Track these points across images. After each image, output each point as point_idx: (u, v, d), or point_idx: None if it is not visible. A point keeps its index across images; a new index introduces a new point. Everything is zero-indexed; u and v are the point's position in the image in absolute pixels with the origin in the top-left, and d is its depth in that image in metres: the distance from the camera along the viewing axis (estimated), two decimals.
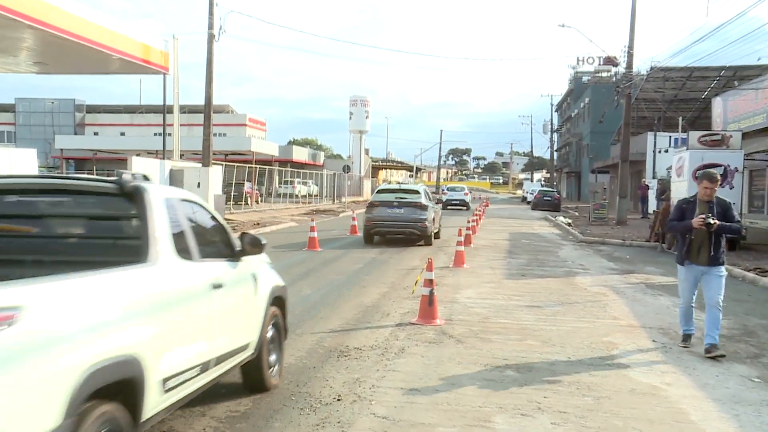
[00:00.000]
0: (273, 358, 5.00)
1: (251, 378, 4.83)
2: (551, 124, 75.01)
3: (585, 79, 70.71)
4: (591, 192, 42.13)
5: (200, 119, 24.89)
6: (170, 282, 3.14)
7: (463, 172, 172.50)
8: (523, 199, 65.46)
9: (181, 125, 25.84)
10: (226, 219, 24.49)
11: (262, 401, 5.02)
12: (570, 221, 28.22)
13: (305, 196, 46.47)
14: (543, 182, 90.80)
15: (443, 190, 42.05)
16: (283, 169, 42.99)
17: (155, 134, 55.07)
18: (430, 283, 7.96)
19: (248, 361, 4.52)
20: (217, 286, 3.76)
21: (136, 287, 2.81)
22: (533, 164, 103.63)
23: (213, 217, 4.28)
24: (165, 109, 25.51)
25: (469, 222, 19.12)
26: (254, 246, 4.55)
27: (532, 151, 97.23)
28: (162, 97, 25.35)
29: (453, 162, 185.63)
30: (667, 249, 17.71)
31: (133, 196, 3.32)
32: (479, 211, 30.66)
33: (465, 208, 40.54)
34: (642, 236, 20.86)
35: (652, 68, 31.50)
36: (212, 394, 5.13)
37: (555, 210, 43.55)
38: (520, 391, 5.42)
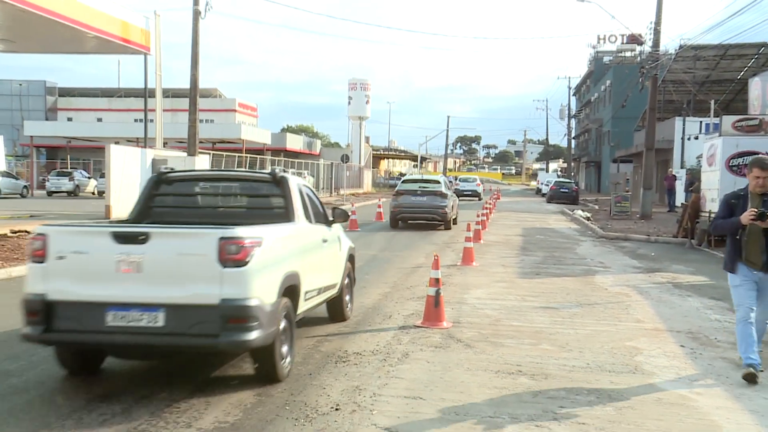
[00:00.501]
0: (347, 298, 7.87)
1: (334, 311, 7.62)
2: (568, 109, 75.01)
3: (606, 59, 70.61)
4: (612, 183, 42.11)
5: (185, 104, 24.96)
6: (305, 234, 5.59)
7: (472, 162, 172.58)
8: (538, 191, 65.51)
9: (164, 111, 25.86)
10: None
11: (253, 411, 5.04)
12: (589, 215, 28.25)
13: None
14: (559, 173, 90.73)
15: (451, 180, 42.47)
16: (276, 158, 43.05)
17: (136, 120, 55.12)
18: (436, 282, 7.97)
19: (333, 298, 7.15)
20: (324, 241, 6.34)
21: (293, 234, 5.22)
22: (548, 153, 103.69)
23: (317, 197, 6.94)
24: (146, 93, 25.53)
25: (478, 216, 19.17)
26: (341, 217, 7.33)
27: (547, 139, 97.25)
28: (143, 80, 25.37)
29: (461, 151, 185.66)
30: (697, 245, 17.72)
31: (279, 182, 5.94)
32: (490, 204, 30.68)
33: (477, 198, 46.30)
34: (668, 232, 20.87)
35: (681, 46, 31.37)
36: (200, 402, 5.16)
37: (572, 203, 43.55)
38: (535, 400, 5.44)
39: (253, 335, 4.76)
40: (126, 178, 20.98)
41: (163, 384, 5.54)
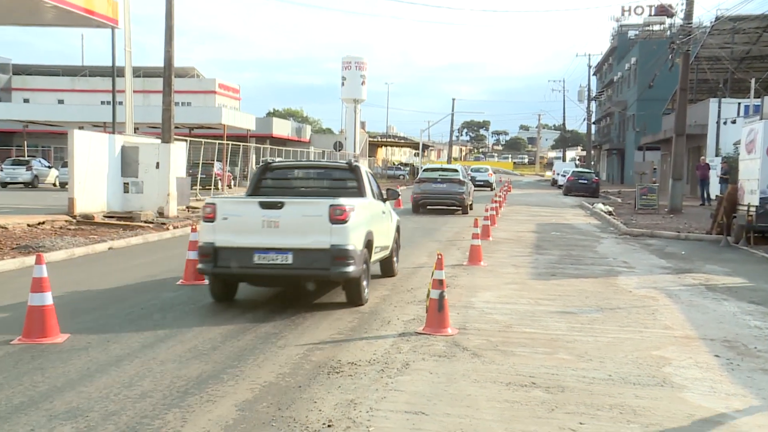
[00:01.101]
0: (395, 258, 11.29)
1: (386, 268, 10.94)
2: (588, 90, 75.09)
3: (631, 34, 70.61)
4: (637, 173, 42.12)
5: (158, 85, 24.86)
6: (373, 206, 8.41)
7: (480, 150, 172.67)
8: (554, 183, 65.67)
9: (135, 92, 25.80)
10: (190, 208, 24.52)
11: (237, 428, 5.04)
12: (611, 209, 28.30)
13: None
14: (578, 162, 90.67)
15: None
16: (261, 146, 43.01)
17: (102, 103, 55.02)
18: (439, 284, 7.99)
19: (385, 258, 10.21)
20: (383, 213, 9.23)
21: (367, 206, 7.98)
22: (566, 140, 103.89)
23: (376, 180, 10.05)
24: (114, 72, 25.45)
25: (487, 210, 19.22)
26: (393, 196, 10.78)
27: (564, 124, 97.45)
28: (110, 57, 25.29)
29: (467, 138, 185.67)
30: (734, 243, 17.73)
31: (354, 169, 9.03)
32: (499, 196, 30.70)
33: (489, 188, 51.66)
34: (701, 227, 20.91)
35: (717, 18, 31.27)
36: (176, 420, 5.17)
37: (592, 195, 43.67)
38: (550, 416, 5.45)
39: (351, 269, 8.16)
40: (92, 167, 20.95)
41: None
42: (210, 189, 31.52)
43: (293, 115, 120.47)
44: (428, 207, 24.06)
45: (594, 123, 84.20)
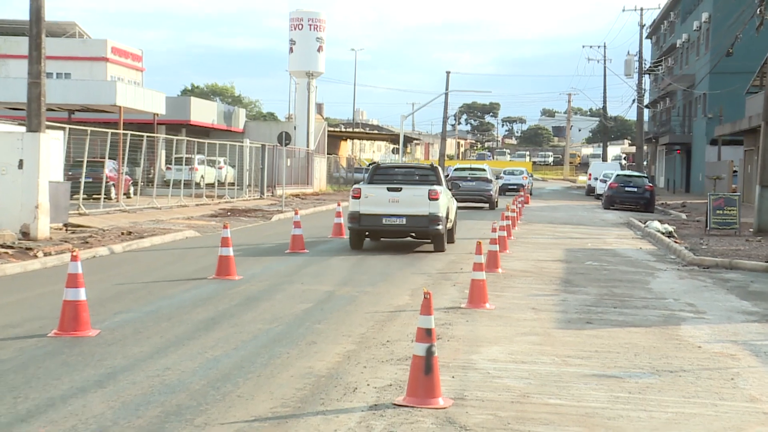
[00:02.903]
0: (455, 231, 24.72)
1: (449, 237, 23.52)
2: (640, 59, 75.58)
3: None
4: (710, 178, 42.48)
5: (22, 47, 24.56)
6: (446, 192, 22.51)
7: (485, 145, 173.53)
8: (590, 191, 66.15)
9: None
10: (70, 227, 24.38)
11: None
12: (671, 229, 28.48)
13: (212, 184, 46.32)
14: (624, 161, 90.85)
15: (449, 172, 45.28)
16: (175, 137, 42.74)
17: None
18: (427, 335, 8.01)
19: (449, 229, 23.00)
20: (450, 198, 23.47)
21: (444, 191, 22.08)
22: (607, 131, 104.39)
23: (444, 172, 27.62)
24: None
25: (494, 231, 19.16)
26: (455, 188, 27.66)
27: (605, 108, 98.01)
28: None
29: (468, 127, 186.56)
30: None
31: (434, 168, 23.76)
32: (513, 209, 30.81)
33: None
34: None
35: None
36: None
37: (645, 209, 44.06)
38: None
39: (439, 227, 21.30)
40: None
41: None
42: (100, 198, 31.26)
43: (221, 95, 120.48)
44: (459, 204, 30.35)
45: (647, 107, 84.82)
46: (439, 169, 23.83)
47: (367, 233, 22.41)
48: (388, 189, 21.65)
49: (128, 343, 10.43)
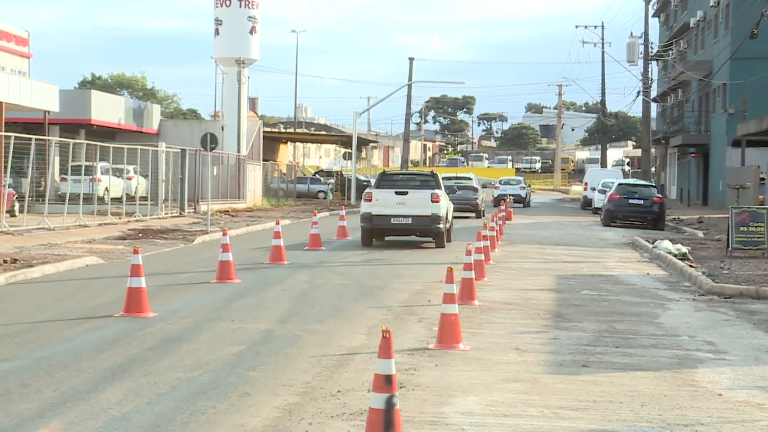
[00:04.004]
0: (451, 230, 34.92)
1: (448, 236, 33.51)
2: (645, 43, 76.14)
3: None
4: (732, 187, 42.66)
5: None
6: (445, 195, 32.40)
7: (458, 148, 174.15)
8: (586, 204, 66.47)
9: None
10: None
11: None
12: (686, 250, 28.56)
13: (120, 199, 45.94)
14: (627, 167, 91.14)
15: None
16: (72, 141, 42.44)
17: None
18: (386, 383, 7.98)
19: (446, 229, 32.31)
20: (448, 200, 33.74)
21: (444, 195, 32.13)
22: (606, 130, 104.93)
23: (441, 182, 34.31)
24: None
25: (469, 254, 19.11)
26: (450, 193, 37.42)
27: (603, 103, 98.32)
28: None
29: (437, 126, 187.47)
30: None
31: (434, 175, 34.04)
32: (492, 227, 30.84)
33: (522, 205, 69.38)
34: None
35: None
36: None
37: (654, 226, 44.41)
38: None
39: (440, 226, 31.02)
40: None
41: None
42: None
43: (130, 87, 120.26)
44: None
45: (655, 100, 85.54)
46: (438, 175, 34.18)
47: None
48: (396, 193, 31.02)
49: (12, 399, 10.28)
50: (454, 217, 40.80)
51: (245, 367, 12.08)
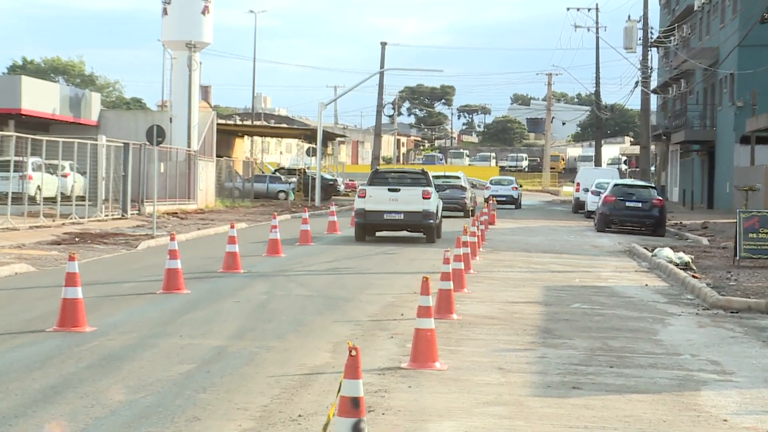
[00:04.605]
0: (441, 226, 40.95)
1: (439, 232, 40.44)
2: (645, 27, 76.44)
3: None
4: (740, 189, 42.81)
5: None
6: (435, 192, 38.93)
7: (435, 144, 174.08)
8: (578, 207, 66.72)
9: None
10: None
11: None
12: (689, 259, 28.62)
13: (54, 198, 45.72)
14: (625, 166, 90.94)
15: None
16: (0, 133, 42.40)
17: None
18: (353, 407, 7.98)
19: (436, 225, 38.66)
20: (437, 198, 39.91)
21: (434, 191, 38.83)
22: (601, 125, 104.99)
23: (432, 180, 41.96)
24: None
25: (447, 262, 19.07)
26: (439, 189, 47.59)
27: (598, 94, 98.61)
28: None
29: (412, 119, 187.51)
30: None
31: (425, 173, 41.45)
32: (473, 232, 30.79)
33: (514, 206, 74.22)
34: None
35: None
36: None
37: (653, 231, 44.73)
38: None
39: (431, 221, 37.11)
40: None
41: None
42: None
43: (66, 73, 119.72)
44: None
45: (655, 92, 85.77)
46: (429, 173, 40.50)
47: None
48: (389, 189, 36.58)
49: None
50: (443, 216, 45.93)
51: (195, 388, 12.00)
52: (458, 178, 59.68)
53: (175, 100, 64.65)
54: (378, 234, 38.46)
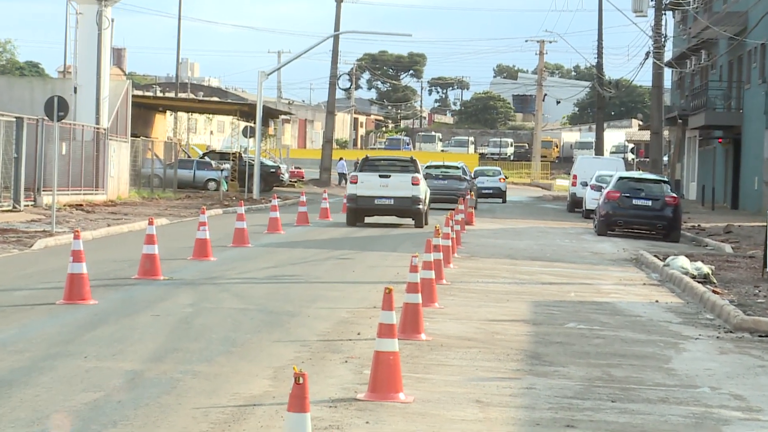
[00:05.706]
0: (428, 212, 57.31)
1: (425, 219, 55.83)
2: None
3: None
4: None
5: None
6: (423, 179, 55.96)
7: (401, 125, 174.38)
8: (575, 204, 67.05)
9: None
10: None
11: None
12: (709, 270, 28.74)
13: None
14: (632, 155, 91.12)
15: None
16: None
17: None
18: None
19: (425, 211, 55.45)
20: (425, 184, 56.98)
21: (422, 178, 56.75)
22: (603, 104, 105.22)
23: (418, 165, 59.99)
24: None
25: (414, 270, 19.09)
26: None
27: (599, 67, 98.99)
28: None
29: (374, 94, 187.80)
30: None
31: (413, 160, 58.37)
32: (447, 233, 30.85)
33: (501, 200, 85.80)
34: None
35: None
36: None
37: (666, 236, 45.40)
38: None
39: (420, 206, 52.57)
40: None
41: None
42: None
43: None
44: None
45: (670, 65, 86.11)
46: (417, 160, 52.96)
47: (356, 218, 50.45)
48: (380, 176, 47.49)
49: None
50: (438, 208, 59.96)
51: (102, 421, 11.87)
52: (458, 168, 71.81)
53: (81, 66, 64.42)
54: (367, 219, 50.48)
